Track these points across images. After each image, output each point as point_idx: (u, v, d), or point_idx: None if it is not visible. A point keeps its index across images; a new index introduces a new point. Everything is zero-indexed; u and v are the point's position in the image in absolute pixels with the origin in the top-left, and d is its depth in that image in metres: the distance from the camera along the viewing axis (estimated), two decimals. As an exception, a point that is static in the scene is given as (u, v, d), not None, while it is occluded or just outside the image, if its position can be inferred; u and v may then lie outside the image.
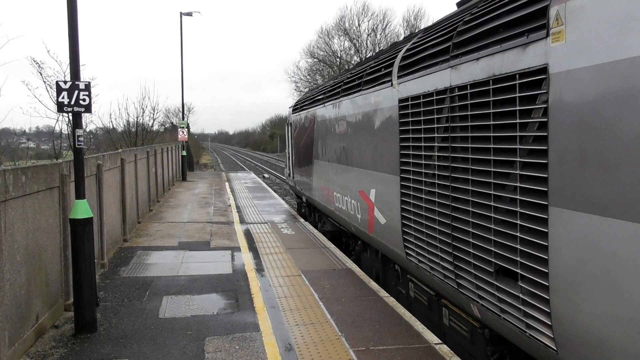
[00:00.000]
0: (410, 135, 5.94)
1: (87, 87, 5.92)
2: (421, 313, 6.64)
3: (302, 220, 13.92)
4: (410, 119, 5.95)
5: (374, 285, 7.74)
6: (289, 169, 17.00)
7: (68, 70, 6.28)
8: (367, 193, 7.81)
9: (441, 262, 5.28)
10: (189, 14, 28.83)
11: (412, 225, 6.03)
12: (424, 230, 5.65)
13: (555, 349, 3.55)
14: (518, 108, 3.78)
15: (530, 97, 3.71)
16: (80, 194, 5.97)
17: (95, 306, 6.09)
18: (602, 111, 3.01)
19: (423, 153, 5.59)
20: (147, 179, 15.20)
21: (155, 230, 12.40)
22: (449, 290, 5.34)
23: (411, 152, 5.94)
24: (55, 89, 5.91)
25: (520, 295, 3.83)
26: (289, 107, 17.39)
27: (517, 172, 3.77)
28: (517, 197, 3.79)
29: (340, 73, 15.67)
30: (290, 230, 12.40)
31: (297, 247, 10.47)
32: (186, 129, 28.81)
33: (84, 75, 17.49)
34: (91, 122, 26.91)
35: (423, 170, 5.59)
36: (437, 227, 5.29)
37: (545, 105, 3.50)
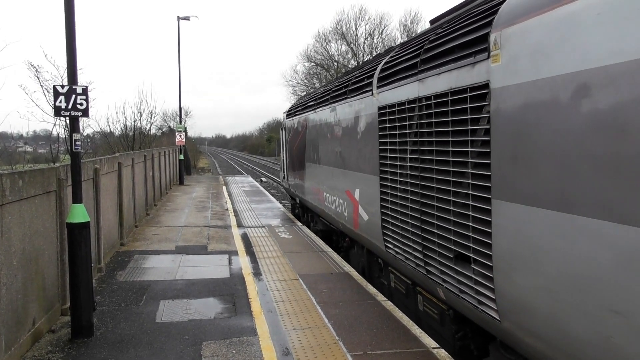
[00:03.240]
0: (388, 140, 6.58)
1: (85, 91, 5.92)
2: (400, 301, 7.20)
3: (299, 224, 13.91)
4: (387, 125, 6.60)
5: (371, 289, 7.74)
6: (284, 172, 17.68)
7: (65, 75, 6.27)
8: (353, 192, 8.41)
9: (413, 252, 5.91)
10: (187, 19, 28.87)
11: (390, 220, 6.64)
12: (400, 224, 6.26)
13: (499, 319, 4.16)
14: (469, 117, 4.45)
15: (477, 107, 4.37)
16: (77, 198, 5.96)
17: (92, 310, 6.08)
18: (526, 120, 3.67)
19: (398, 155, 6.22)
20: (145, 183, 15.19)
21: (153, 234, 12.37)
22: (420, 277, 5.93)
23: (388, 155, 6.58)
24: (52, 93, 5.91)
25: (473, 276, 4.48)
26: (283, 112, 17.93)
27: (470, 171, 4.44)
28: (470, 192, 4.46)
29: (330, 81, 16.92)
30: (287, 234, 12.40)
31: (295, 251, 10.46)
32: (184, 133, 28.80)
33: (82, 79, 17.45)
34: (88, 126, 26.84)
35: (398, 171, 6.23)
36: (409, 220, 5.93)
37: (488, 115, 4.15)
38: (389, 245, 6.78)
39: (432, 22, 6.86)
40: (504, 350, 4.57)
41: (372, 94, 7.17)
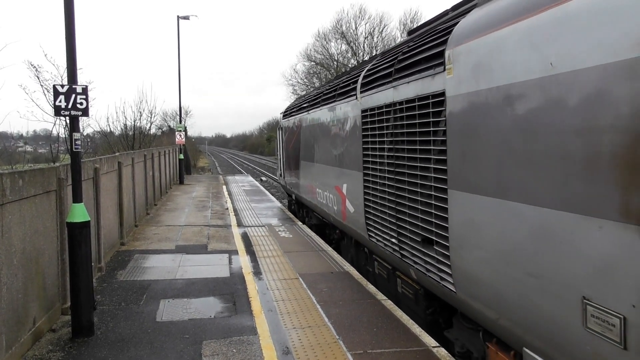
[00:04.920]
0: (369, 139, 7.33)
1: (84, 90, 5.93)
2: (383, 286, 7.85)
3: (299, 223, 13.93)
4: (369, 126, 7.34)
5: (371, 288, 7.74)
6: (280, 170, 18.55)
7: (65, 74, 6.27)
8: (341, 187, 9.22)
9: (390, 239, 6.64)
10: (186, 18, 28.86)
11: (371, 211, 7.40)
12: (379, 214, 7.03)
13: (455, 291, 4.91)
14: (431, 120, 5.23)
15: (437, 112, 5.14)
16: (77, 198, 5.97)
17: (92, 310, 6.09)
18: (470, 123, 4.45)
19: (378, 153, 6.97)
20: (145, 183, 15.19)
21: (153, 234, 12.38)
22: (397, 261, 6.65)
23: (370, 153, 7.35)
24: (52, 93, 5.91)
25: (435, 256, 5.25)
26: (280, 113, 18.71)
27: (432, 166, 5.22)
28: (432, 184, 5.24)
29: (322, 84, 17.97)
30: (287, 233, 12.41)
31: (295, 250, 10.47)
32: (183, 132, 28.79)
33: (81, 79, 17.46)
34: (88, 125, 26.80)
35: (378, 167, 7.00)
36: (387, 211, 6.69)
37: (445, 119, 4.90)
38: (372, 234, 7.52)
39: (409, 33, 7.68)
40: (463, 320, 5.31)
41: (356, 97, 7.97)
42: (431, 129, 5.24)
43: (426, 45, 5.52)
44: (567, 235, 3.31)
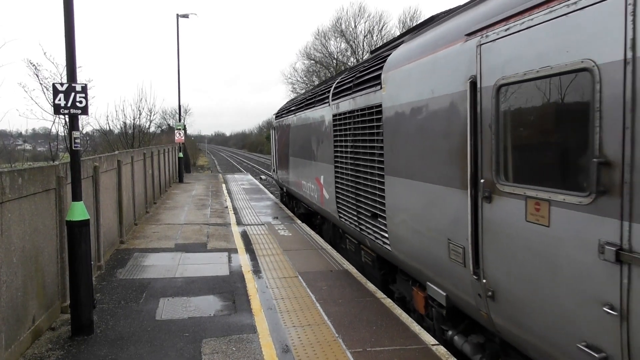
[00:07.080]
0: (338, 138, 9.24)
1: (84, 89, 5.92)
2: (352, 258, 9.50)
3: (298, 221, 13.93)
4: (338, 128, 9.24)
5: (370, 286, 7.75)
6: (274, 166, 20.46)
7: (65, 73, 6.26)
8: (319, 178, 11.06)
9: (352, 216, 8.59)
10: (186, 16, 28.82)
11: (340, 196, 9.29)
12: (345, 197, 8.93)
13: (390, 249, 6.75)
14: (375, 124, 7.13)
15: (378, 119, 7.00)
16: (76, 196, 5.96)
17: (92, 308, 6.08)
18: (394, 127, 6.31)
19: (343, 149, 8.90)
20: (144, 181, 15.19)
21: (152, 232, 12.38)
22: (357, 234, 8.45)
23: (338, 149, 9.23)
24: (51, 91, 5.91)
25: (379, 225, 7.14)
26: (273, 114, 20.27)
27: (376, 158, 7.10)
28: (376, 172, 7.09)
29: (307, 90, 20.49)
30: (287, 231, 12.41)
31: (294, 248, 10.48)
32: (183, 131, 28.78)
33: (81, 77, 17.42)
34: (88, 124, 26.83)
35: (344, 160, 8.90)
36: (350, 194, 8.62)
37: (382, 124, 6.74)
38: (341, 215, 9.28)
39: (371, 52, 9.35)
40: (402, 275, 7.06)
41: (329, 104, 9.80)
42: (375, 130, 7.12)
43: (372, 68, 7.44)
44: (441, 200, 5.13)
